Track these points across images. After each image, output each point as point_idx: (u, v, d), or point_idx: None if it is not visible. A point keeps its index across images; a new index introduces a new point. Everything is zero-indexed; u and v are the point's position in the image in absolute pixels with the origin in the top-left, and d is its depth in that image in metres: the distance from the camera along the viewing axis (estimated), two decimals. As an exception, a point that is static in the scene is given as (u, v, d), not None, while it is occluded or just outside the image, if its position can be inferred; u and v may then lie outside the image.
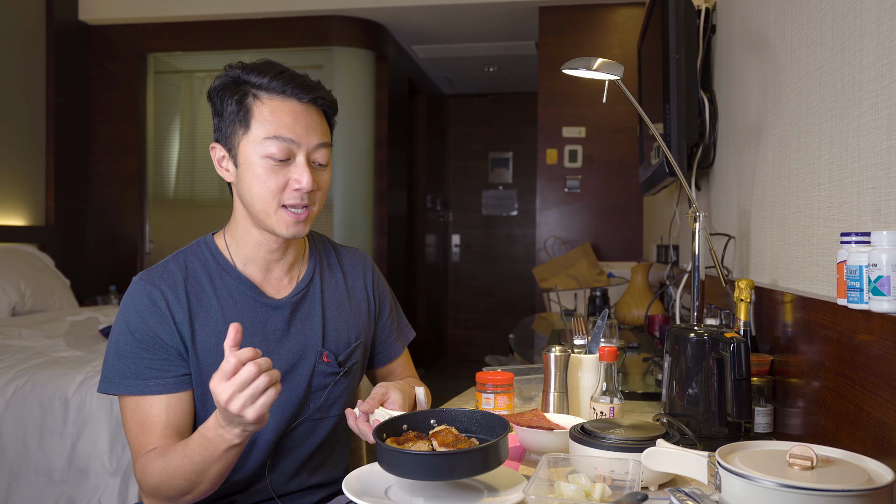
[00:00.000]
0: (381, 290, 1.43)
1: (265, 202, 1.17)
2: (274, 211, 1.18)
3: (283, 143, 1.15)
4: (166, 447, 1.12)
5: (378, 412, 1.15)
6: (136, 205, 4.72)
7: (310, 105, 1.19)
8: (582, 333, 1.59)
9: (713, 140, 1.99)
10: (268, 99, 1.16)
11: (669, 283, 2.54)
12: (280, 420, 1.25)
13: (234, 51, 4.67)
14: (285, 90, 1.16)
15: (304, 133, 1.17)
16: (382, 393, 1.20)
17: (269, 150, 1.15)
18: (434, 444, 1.00)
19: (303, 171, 1.16)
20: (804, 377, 1.20)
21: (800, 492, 0.76)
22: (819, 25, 1.22)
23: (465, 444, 1.00)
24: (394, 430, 1.06)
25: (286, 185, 1.17)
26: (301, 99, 1.18)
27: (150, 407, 1.15)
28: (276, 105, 1.16)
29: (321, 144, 1.19)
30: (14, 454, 2.35)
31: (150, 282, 1.19)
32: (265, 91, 1.17)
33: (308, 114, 1.18)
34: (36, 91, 4.30)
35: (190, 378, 1.19)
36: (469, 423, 1.09)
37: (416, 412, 1.11)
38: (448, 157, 6.95)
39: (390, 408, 1.19)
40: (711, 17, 2.05)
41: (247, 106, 1.17)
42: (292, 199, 1.17)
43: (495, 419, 1.06)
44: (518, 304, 6.66)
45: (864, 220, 1.03)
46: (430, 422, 1.09)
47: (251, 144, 1.16)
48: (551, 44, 4.42)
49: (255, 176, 1.16)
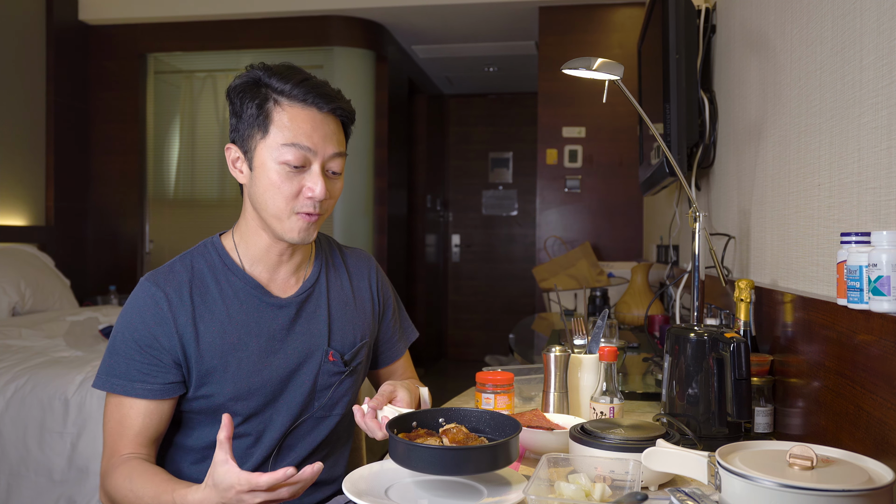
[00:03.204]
0: (385, 291, 1.44)
1: (278, 208, 1.18)
2: (287, 217, 1.18)
3: (299, 151, 1.16)
4: (138, 471, 1.12)
5: (386, 409, 1.16)
6: (136, 205, 4.72)
7: (329, 114, 1.19)
8: (582, 333, 1.59)
9: (713, 140, 1.99)
10: (288, 106, 1.17)
11: (669, 283, 2.54)
12: (285, 418, 1.26)
13: (234, 51, 4.67)
14: (307, 98, 1.17)
15: (321, 142, 1.17)
16: (391, 391, 1.21)
17: (285, 156, 1.15)
18: (445, 442, 1.01)
19: (317, 180, 1.17)
20: (804, 377, 1.20)
21: (800, 492, 0.76)
22: (819, 25, 1.22)
23: (475, 442, 1.01)
24: (404, 426, 1.06)
25: (300, 193, 1.18)
26: (321, 108, 1.18)
27: (131, 408, 1.17)
28: (297, 112, 1.17)
29: (337, 154, 1.20)
30: (14, 454, 2.35)
31: (155, 283, 1.20)
32: (286, 97, 1.17)
33: (326, 123, 1.19)
34: (36, 91, 4.30)
35: (176, 387, 1.19)
36: (478, 423, 1.09)
37: (426, 410, 1.12)
38: (448, 157, 6.94)
39: (398, 405, 1.20)
40: (711, 17, 2.05)
41: (266, 111, 1.17)
42: (304, 206, 1.18)
43: (506, 419, 1.07)
44: (518, 304, 6.66)
45: (864, 220, 1.03)
46: (439, 420, 1.09)
47: (268, 149, 1.17)
48: (551, 44, 4.42)
49: (270, 181, 1.17)
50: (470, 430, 1.07)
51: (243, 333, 1.22)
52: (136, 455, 1.17)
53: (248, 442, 1.25)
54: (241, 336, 1.22)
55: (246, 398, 1.22)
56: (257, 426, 1.25)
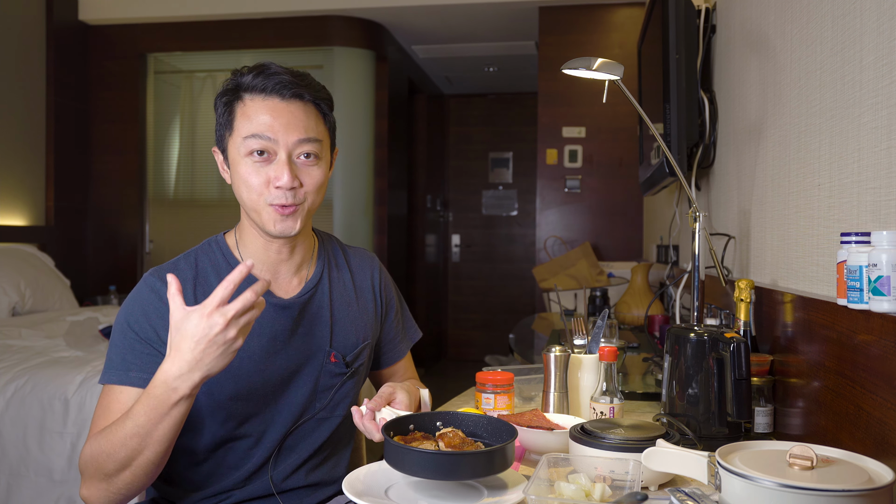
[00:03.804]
0: (388, 292, 1.43)
1: (252, 201, 1.18)
2: (262, 209, 1.18)
3: (260, 141, 1.16)
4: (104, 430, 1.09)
5: (385, 411, 1.16)
6: (136, 205, 4.72)
7: (293, 100, 1.18)
8: (582, 333, 1.59)
9: (713, 140, 1.99)
10: (249, 99, 1.18)
11: (669, 283, 2.54)
12: (286, 418, 1.25)
13: (233, 51, 4.67)
14: (265, 87, 1.17)
15: (283, 130, 1.17)
16: (390, 392, 1.21)
17: (249, 147, 1.16)
18: (441, 445, 1.00)
19: (282, 169, 1.16)
20: (804, 377, 1.20)
21: (800, 492, 0.76)
22: (819, 25, 1.22)
23: (471, 446, 1.01)
24: (401, 429, 1.06)
25: (269, 183, 1.17)
26: (283, 95, 1.18)
27: (120, 393, 1.15)
28: (257, 104, 1.17)
29: (304, 140, 1.18)
30: (14, 454, 2.35)
31: (158, 277, 1.20)
32: (248, 91, 1.18)
33: (290, 110, 1.18)
34: (36, 91, 4.30)
35: None
36: (475, 427, 1.09)
37: (423, 413, 1.11)
38: (448, 157, 6.94)
39: (397, 407, 1.20)
40: (711, 17, 2.05)
41: (232, 108, 1.19)
42: (276, 198, 1.17)
43: (502, 425, 1.06)
44: (518, 304, 6.66)
45: (864, 220, 1.03)
46: (436, 423, 1.09)
47: (234, 145, 1.19)
48: (551, 44, 4.42)
49: (240, 175, 1.18)
50: (466, 434, 1.06)
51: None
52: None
53: (248, 443, 1.25)
54: None
55: (246, 398, 1.22)
56: (258, 427, 1.24)
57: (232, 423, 1.22)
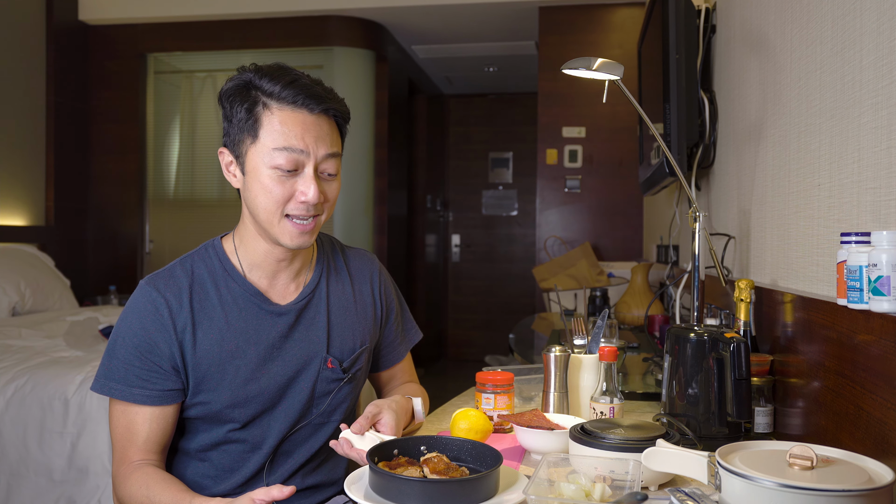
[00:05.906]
0: (388, 295, 1.41)
1: (269, 212, 1.15)
2: (278, 221, 1.16)
3: (291, 154, 1.13)
4: (154, 479, 1.12)
5: (368, 436, 1.14)
6: (136, 205, 4.72)
7: (321, 115, 1.16)
8: (582, 333, 1.59)
9: (713, 140, 1.99)
10: (277, 109, 1.13)
11: (669, 283, 2.54)
12: (283, 424, 1.25)
13: (234, 51, 4.67)
14: (297, 100, 1.13)
15: (313, 144, 1.14)
16: (375, 413, 1.18)
17: (276, 160, 1.13)
18: (426, 471, 0.99)
19: (310, 184, 1.14)
20: (804, 377, 1.20)
21: (800, 492, 0.76)
22: (819, 25, 1.22)
23: (456, 472, 0.99)
24: (385, 454, 1.04)
25: (292, 196, 1.15)
26: (312, 109, 1.15)
27: (136, 414, 1.17)
28: (286, 115, 1.13)
29: (330, 155, 1.17)
30: (14, 454, 2.35)
31: (155, 288, 1.19)
32: (275, 100, 1.14)
33: (318, 124, 1.15)
34: (36, 91, 4.30)
35: (176, 394, 1.19)
36: (460, 452, 1.07)
37: (407, 438, 1.09)
38: (448, 157, 6.94)
39: (382, 429, 1.17)
40: (711, 17, 2.05)
41: (256, 115, 1.14)
42: (297, 210, 1.15)
43: (487, 450, 1.04)
44: (518, 304, 6.66)
45: (864, 220, 1.03)
46: (420, 448, 1.07)
47: (259, 154, 1.14)
48: (551, 44, 4.42)
49: (261, 185, 1.14)
50: (451, 459, 1.05)
51: (241, 341, 1.21)
52: (148, 462, 1.16)
53: (244, 448, 1.24)
54: (240, 344, 1.21)
55: (243, 405, 1.21)
56: (255, 433, 1.24)
57: (229, 429, 1.22)
